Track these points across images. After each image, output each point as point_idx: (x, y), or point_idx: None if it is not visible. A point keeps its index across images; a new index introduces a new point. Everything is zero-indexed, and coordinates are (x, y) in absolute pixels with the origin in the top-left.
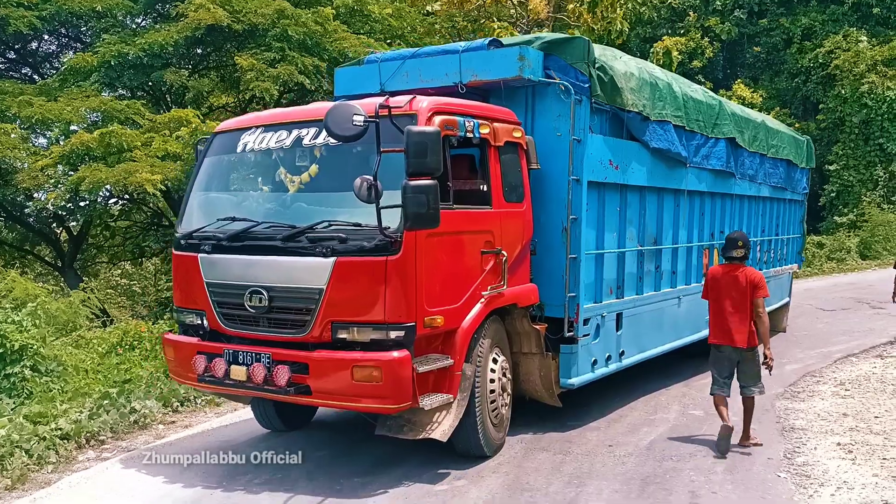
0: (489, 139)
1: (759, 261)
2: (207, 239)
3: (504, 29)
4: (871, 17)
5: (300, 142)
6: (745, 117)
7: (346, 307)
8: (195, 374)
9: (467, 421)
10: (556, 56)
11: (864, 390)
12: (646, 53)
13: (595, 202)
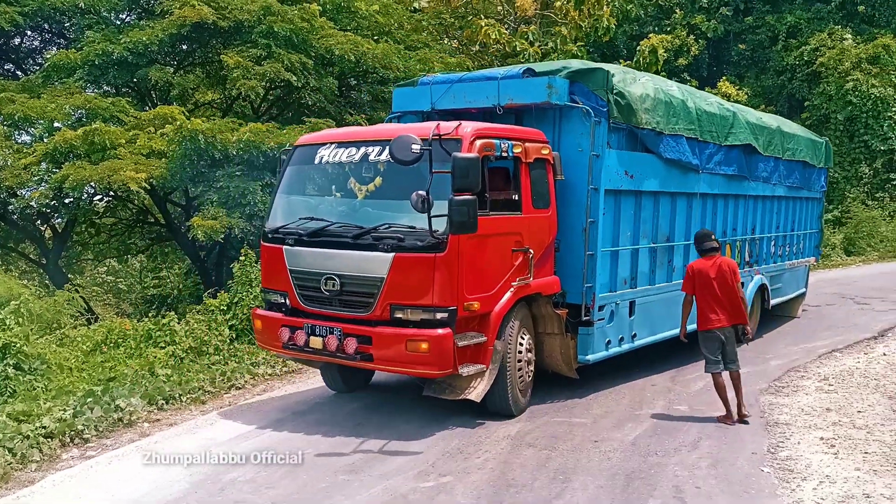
0: (521, 156)
1: (773, 255)
2: (290, 234)
3: (491, 26)
4: (856, 15)
5: (367, 157)
6: (759, 125)
7: (401, 292)
8: (280, 342)
9: (497, 386)
10: (580, 83)
11: (848, 385)
12: (632, 51)
13: (611, 207)
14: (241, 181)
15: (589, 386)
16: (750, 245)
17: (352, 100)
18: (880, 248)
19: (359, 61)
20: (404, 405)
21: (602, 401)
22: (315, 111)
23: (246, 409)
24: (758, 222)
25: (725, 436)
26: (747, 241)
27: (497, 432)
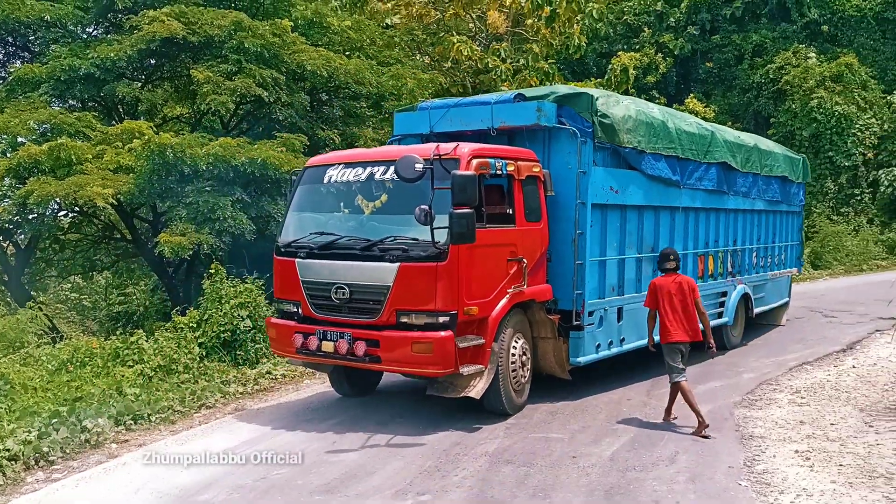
0: (514, 174)
1: (755, 265)
2: (302, 248)
3: (463, 43)
4: (819, 34)
5: (373, 176)
6: (737, 143)
7: (406, 299)
8: (293, 347)
9: (492, 386)
10: (567, 106)
11: (819, 398)
12: (602, 68)
13: (598, 220)
14: (210, 196)
15: (566, 400)
16: (732, 256)
17: (324, 115)
18: (846, 262)
19: (331, 76)
20: (382, 420)
21: (579, 416)
22: (286, 126)
23: (217, 427)
24: (739, 234)
25: (702, 450)
26: (729, 252)
27: (475, 449)
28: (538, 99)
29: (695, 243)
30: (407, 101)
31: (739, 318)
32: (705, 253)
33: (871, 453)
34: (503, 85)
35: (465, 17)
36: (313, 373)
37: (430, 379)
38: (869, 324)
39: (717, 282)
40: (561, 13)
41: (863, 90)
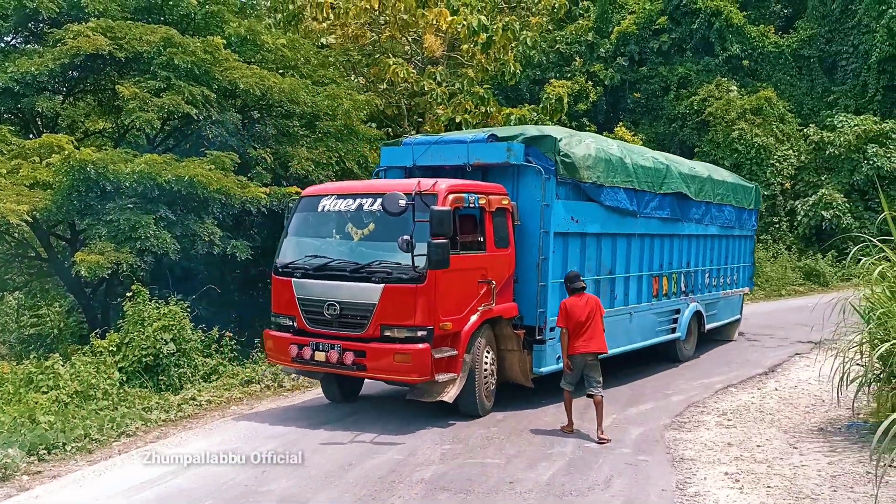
0: (485, 207)
1: (708, 285)
2: (298, 268)
3: (399, 65)
4: (740, 69)
5: (362, 207)
6: (691, 175)
7: (390, 315)
8: (289, 357)
9: (467, 392)
10: (534, 147)
11: (745, 420)
12: (535, 94)
13: (560, 246)
14: (133, 214)
15: (500, 425)
16: (685, 277)
17: (256, 133)
18: (766, 288)
19: (264, 95)
20: (311, 448)
21: (514, 440)
22: (217, 144)
23: (137, 457)
24: (692, 257)
25: (636, 473)
26: (683, 273)
27: (411, 476)
28: (509, 140)
29: (650, 266)
30: (342, 122)
31: (692, 333)
32: (660, 274)
33: (796, 474)
34: (438, 108)
35: (401, 39)
36: (241, 399)
37: (410, 385)
38: (789, 347)
39: (671, 300)
40: (497, 40)
41: (781, 123)
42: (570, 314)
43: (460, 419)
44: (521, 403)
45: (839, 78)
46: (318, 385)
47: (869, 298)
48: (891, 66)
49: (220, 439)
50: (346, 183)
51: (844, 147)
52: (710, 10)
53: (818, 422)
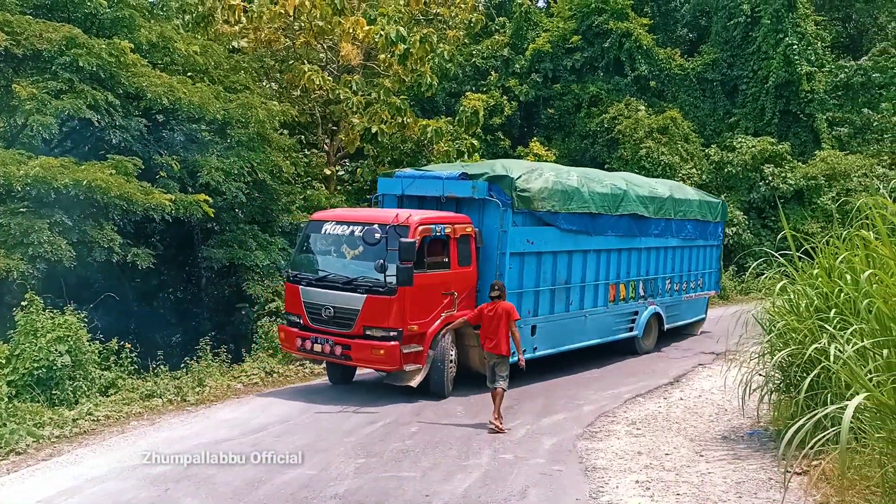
0: (451, 234)
1: (669, 290)
2: (305, 278)
3: (315, 72)
4: (648, 89)
5: (353, 233)
6: (650, 196)
7: (370, 318)
8: (296, 347)
9: (435, 378)
10: (496, 184)
11: (654, 429)
12: (451, 107)
13: (516, 264)
14: (25, 219)
15: (416, 438)
16: (644, 284)
17: (163, 139)
18: None
19: (173, 104)
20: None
21: (430, 452)
22: (120, 148)
23: (29, 476)
24: (652, 266)
25: (550, 483)
26: (641, 280)
27: (324, 491)
28: (477, 177)
29: (606, 275)
30: (255, 131)
31: (652, 332)
32: (616, 283)
33: (703, 482)
34: (354, 117)
35: (316, 46)
36: (140, 413)
37: (385, 372)
38: (693, 358)
39: (629, 304)
40: (414, 52)
41: (685, 142)
42: (480, 315)
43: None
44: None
45: (739, 101)
46: (227, 398)
47: (770, 311)
48: (787, 91)
49: (118, 456)
50: (344, 211)
51: (742, 166)
52: (620, 31)
53: (722, 430)
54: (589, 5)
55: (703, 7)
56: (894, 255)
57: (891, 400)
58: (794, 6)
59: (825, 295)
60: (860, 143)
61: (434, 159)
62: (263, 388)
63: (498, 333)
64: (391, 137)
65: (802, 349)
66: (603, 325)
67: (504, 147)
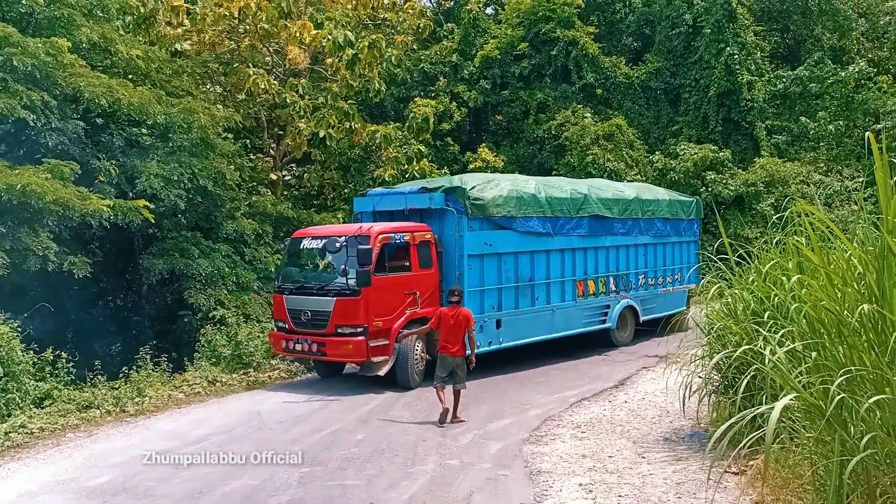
0: (410, 241)
1: (643, 285)
2: (287, 288)
3: (260, 76)
4: (594, 97)
5: (334, 244)
6: (614, 199)
7: (340, 318)
8: (282, 348)
9: (401, 371)
10: (452, 195)
11: (598, 432)
12: (399, 112)
13: (476, 265)
14: None
15: (362, 446)
16: (615, 279)
17: (102, 143)
18: None
19: (112, 106)
20: (156, 476)
21: (375, 460)
22: (56, 152)
23: None
24: (622, 263)
25: (496, 488)
26: (611, 276)
27: (267, 502)
28: (434, 190)
29: (572, 272)
30: (198, 136)
31: (628, 325)
32: (584, 279)
33: (644, 483)
34: (301, 121)
35: (261, 49)
36: (77, 425)
37: (357, 364)
38: (637, 362)
39: (599, 298)
40: (362, 57)
41: (630, 149)
42: (441, 320)
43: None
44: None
45: (682, 109)
46: (168, 408)
47: (709, 315)
48: (728, 100)
49: (53, 470)
50: (319, 227)
51: (684, 173)
52: (567, 39)
53: (664, 432)
54: (536, 13)
55: (648, 17)
56: (823, 262)
57: (819, 401)
58: (734, 17)
59: (760, 299)
60: (797, 151)
61: (383, 165)
62: (206, 397)
63: (459, 338)
64: (339, 142)
65: (739, 352)
66: (572, 318)
67: (453, 153)
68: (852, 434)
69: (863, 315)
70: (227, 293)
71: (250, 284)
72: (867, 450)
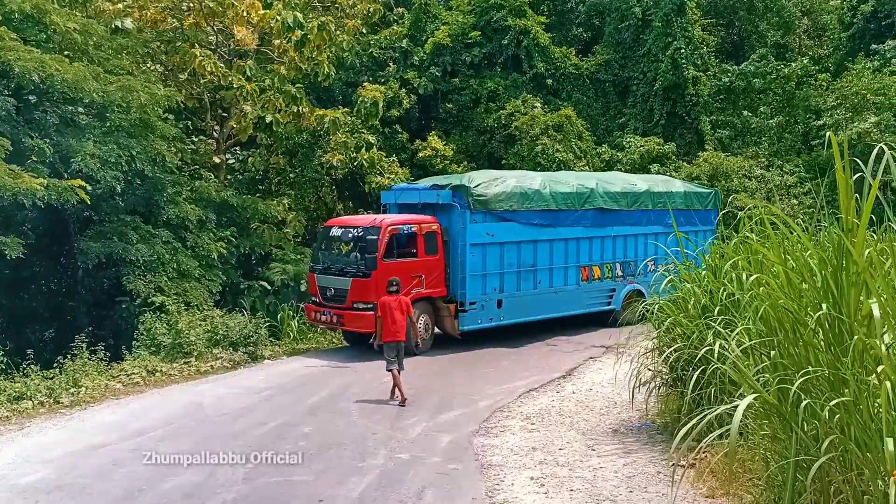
0: (417, 231)
1: (650, 271)
2: (317, 268)
3: (207, 56)
4: (544, 87)
5: (348, 234)
6: (623, 192)
7: (356, 295)
8: (313, 318)
9: (408, 340)
10: (457, 192)
11: (547, 423)
12: (347, 97)
13: (478, 252)
14: None
15: (309, 439)
16: (622, 265)
17: (34, 120)
18: None
19: (44, 82)
20: (90, 471)
21: (323, 454)
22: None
23: None
24: (630, 251)
25: (447, 482)
26: (618, 263)
27: (211, 499)
28: (443, 187)
29: (577, 259)
30: (137, 115)
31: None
32: (589, 265)
33: (596, 476)
34: (246, 104)
35: (206, 28)
36: (8, 418)
37: (369, 334)
38: (584, 352)
39: (604, 283)
40: (312, 39)
41: (579, 140)
42: (384, 309)
43: None
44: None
45: (630, 101)
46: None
47: (659, 308)
48: (674, 94)
49: None
50: (346, 218)
51: (631, 165)
52: (518, 28)
53: (612, 423)
54: (488, 1)
55: (598, 8)
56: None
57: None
58: (682, 11)
59: (711, 294)
60: (740, 146)
61: (331, 150)
62: (145, 388)
63: (403, 325)
64: (286, 126)
65: (690, 346)
66: (576, 299)
67: (402, 140)
68: (807, 432)
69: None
70: (168, 280)
71: (192, 272)
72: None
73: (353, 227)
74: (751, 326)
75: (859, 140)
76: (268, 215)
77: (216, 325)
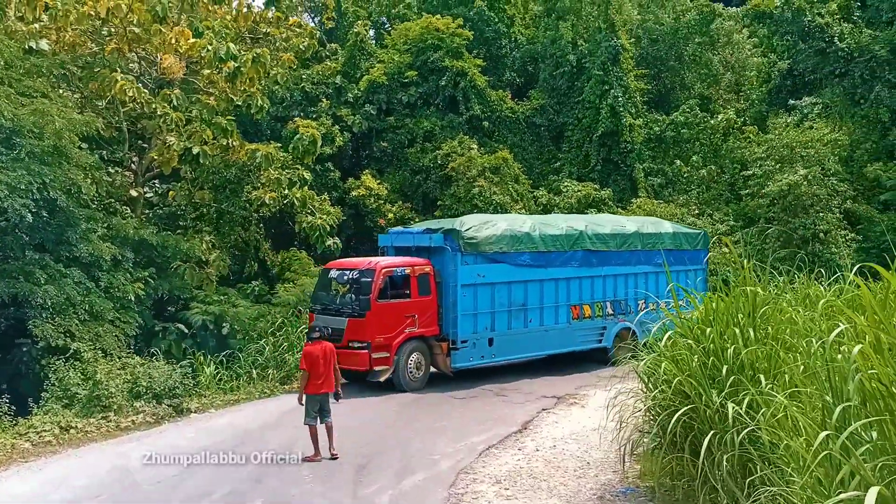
0: (410, 273)
1: (641, 310)
2: (316, 308)
3: (128, 82)
4: (480, 129)
5: (343, 276)
6: (612, 234)
7: (351, 334)
8: None
9: (400, 378)
10: (449, 235)
11: (523, 488)
12: (276, 131)
13: (469, 293)
14: None
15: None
16: (612, 304)
17: None
18: None
19: None
20: None
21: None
22: None
23: None
24: (620, 289)
25: None
26: (608, 301)
27: None
28: (435, 231)
29: (567, 298)
30: (52, 142)
31: None
32: (579, 304)
33: None
34: (170, 135)
35: (128, 54)
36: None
37: (364, 372)
38: (535, 402)
39: (595, 321)
40: (245, 72)
41: (516, 183)
42: (309, 359)
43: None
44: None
45: (565, 146)
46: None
47: (648, 363)
48: (609, 141)
49: None
50: (344, 260)
51: (567, 210)
52: (455, 70)
53: (593, 488)
54: (425, 41)
55: (531, 54)
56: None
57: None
58: (617, 60)
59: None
60: (671, 193)
61: (262, 186)
62: (59, 447)
63: (329, 374)
64: (213, 160)
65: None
66: (567, 338)
67: (334, 179)
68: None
69: None
70: (79, 322)
71: (105, 314)
72: None
73: (349, 270)
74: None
75: (789, 191)
76: (190, 255)
77: (137, 375)
